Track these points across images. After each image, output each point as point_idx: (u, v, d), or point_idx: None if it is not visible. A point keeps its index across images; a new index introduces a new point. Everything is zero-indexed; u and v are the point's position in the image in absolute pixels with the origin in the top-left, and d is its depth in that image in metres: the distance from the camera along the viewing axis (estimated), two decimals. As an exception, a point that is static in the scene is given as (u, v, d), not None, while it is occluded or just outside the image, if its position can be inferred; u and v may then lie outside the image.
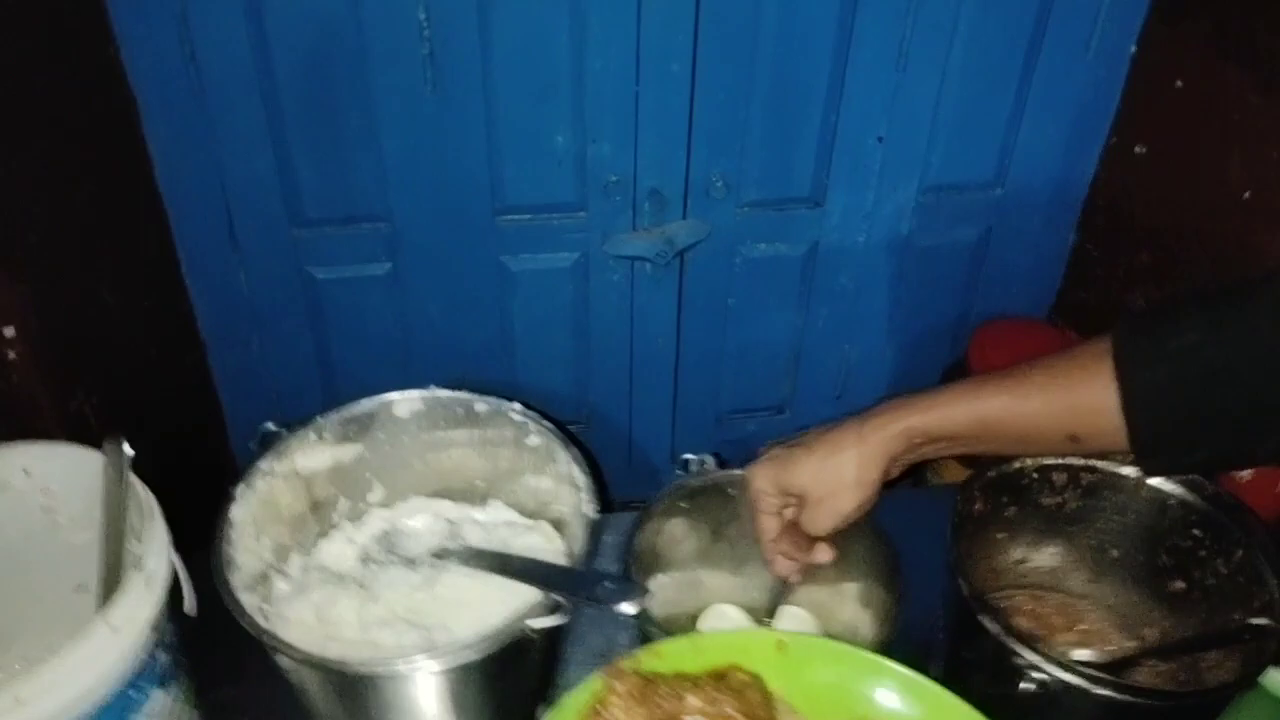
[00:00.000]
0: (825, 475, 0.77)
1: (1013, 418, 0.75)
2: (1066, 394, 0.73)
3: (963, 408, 0.75)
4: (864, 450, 0.76)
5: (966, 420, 0.75)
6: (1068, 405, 0.73)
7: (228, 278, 1.16)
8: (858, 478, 0.77)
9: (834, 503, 0.78)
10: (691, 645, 0.67)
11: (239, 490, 0.75)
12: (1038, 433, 0.75)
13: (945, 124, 1.16)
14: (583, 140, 1.11)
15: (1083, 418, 0.72)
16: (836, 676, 0.68)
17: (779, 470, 0.78)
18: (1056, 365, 0.74)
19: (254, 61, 1.02)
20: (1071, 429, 0.73)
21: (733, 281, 1.26)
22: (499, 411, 0.84)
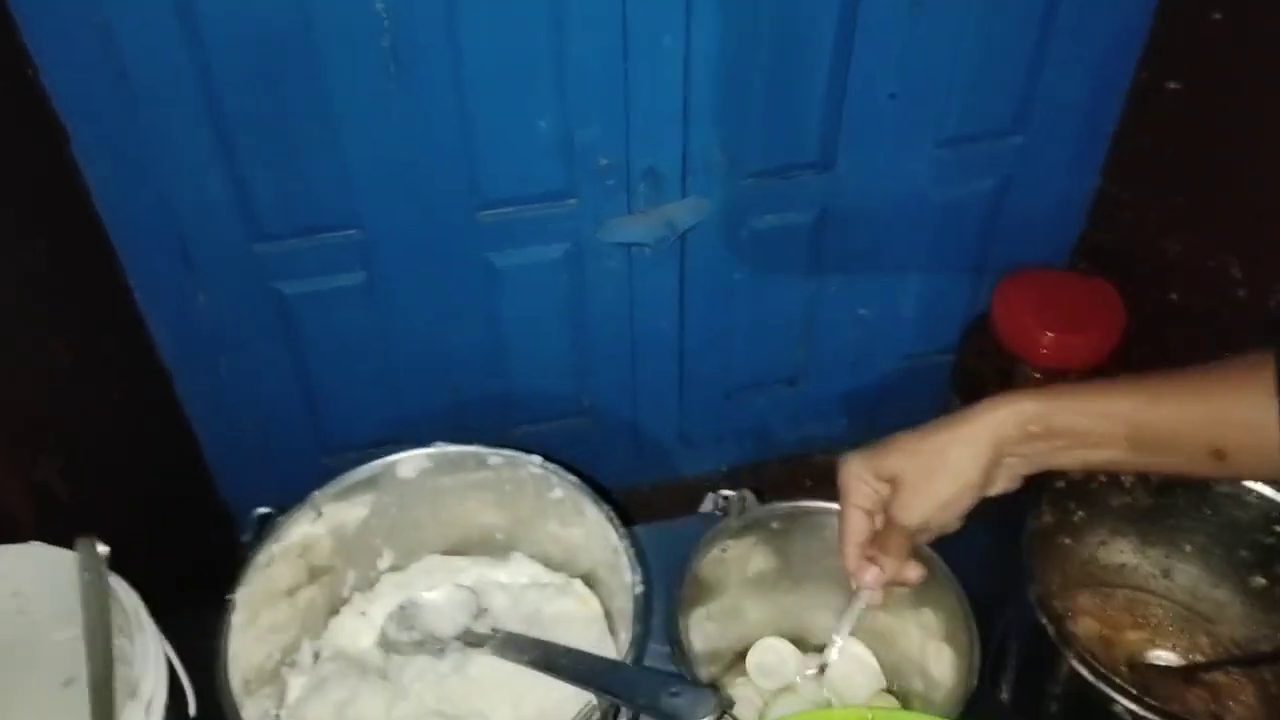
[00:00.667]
0: (922, 454, 0.67)
1: (1147, 419, 0.65)
2: (1214, 400, 0.64)
3: (1089, 400, 0.66)
4: (967, 430, 0.66)
5: (1092, 414, 0.65)
6: (1214, 413, 0.64)
7: (186, 303, 1.05)
8: (957, 461, 0.66)
9: (930, 487, 0.67)
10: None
11: (239, 594, 0.67)
12: (1175, 441, 0.66)
13: (964, 72, 1.06)
14: (568, 123, 1.01)
15: (1231, 430, 0.64)
16: None
17: (873, 453, 0.69)
18: (1206, 371, 0.65)
19: (191, 70, 0.90)
20: (1217, 441, 0.65)
21: (738, 257, 1.17)
22: (516, 464, 0.75)
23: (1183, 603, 0.88)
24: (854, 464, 0.69)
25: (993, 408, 0.66)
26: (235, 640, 0.65)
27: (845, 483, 0.70)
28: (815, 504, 0.81)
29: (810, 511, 0.81)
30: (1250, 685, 0.81)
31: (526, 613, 0.74)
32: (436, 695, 0.69)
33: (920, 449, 0.67)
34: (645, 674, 0.61)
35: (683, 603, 0.73)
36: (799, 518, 0.81)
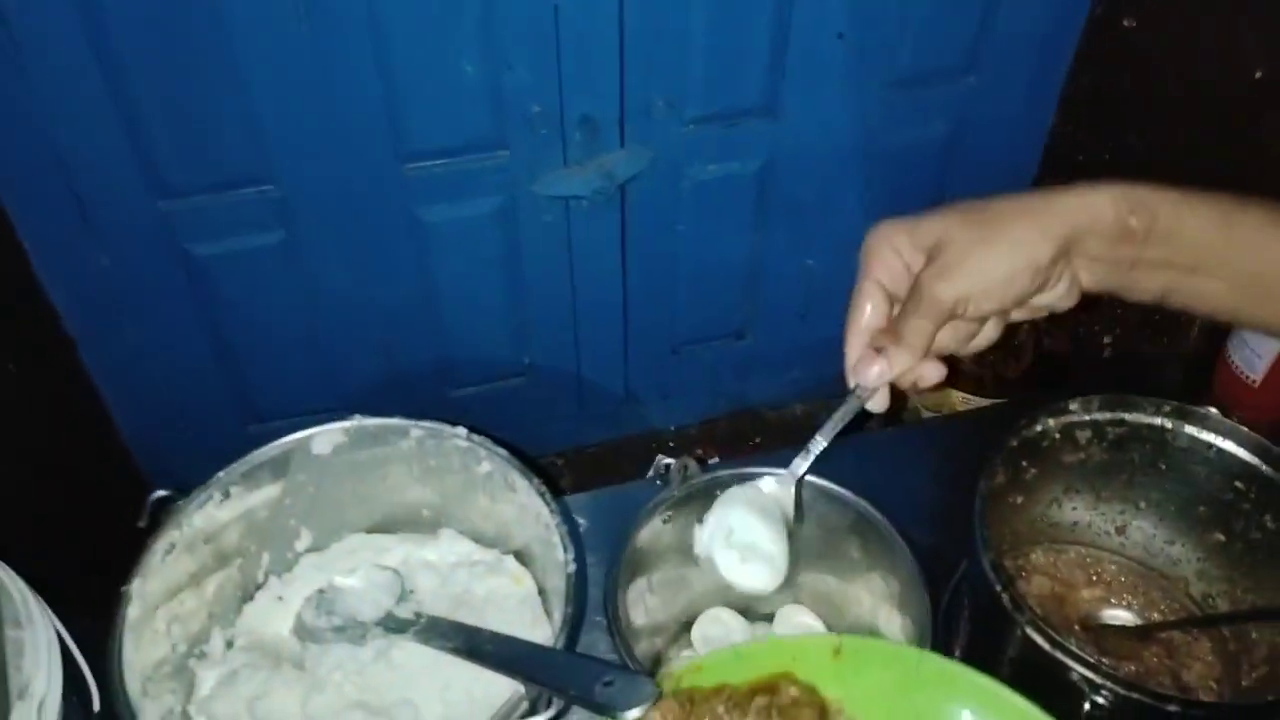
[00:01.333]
0: (982, 220, 0.54)
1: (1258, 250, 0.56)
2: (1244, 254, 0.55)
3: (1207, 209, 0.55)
4: (1045, 206, 0.54)
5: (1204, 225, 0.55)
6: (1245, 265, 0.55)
7: (87, 265, 0.98)
8: (1026, 231, 0.53)
9: (983, 253, 0.53)
10: (736, 656, 0.59)
11: (134, 586, 0.61)
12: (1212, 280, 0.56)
13: (916, 9, 1.01)
14: (496, 67, 0.94)
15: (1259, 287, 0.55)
16: (901, 683, 0.60)
17: (914, 218, 0.55)
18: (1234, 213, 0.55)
19: (78, 12, 0.82)
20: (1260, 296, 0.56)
21: (681, 207, 1.12)
22: (440, 438, 0.70)
23: (1137, 559, 0.86)
24: (885, 227, 0.56)
25: (1090, 188, 0.54)
26: (131, 636, 0.60)
27: (870, 247, 0.56)
28: (759, 470, 0.77)
29: (754, 476, 0.77)
30: (1208, 642, 0.79)
31: (455, 593, 0.69)
32: (358, 685, 0.65)
33: (979, 215, 0.53)
34: (576, 662, 0.57)
35: (622, 577, 0.69)
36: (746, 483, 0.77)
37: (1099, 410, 0.79)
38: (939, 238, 0.54)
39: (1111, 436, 0.80)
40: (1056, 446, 0.80)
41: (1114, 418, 0.79)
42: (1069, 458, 0.81)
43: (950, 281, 0.53)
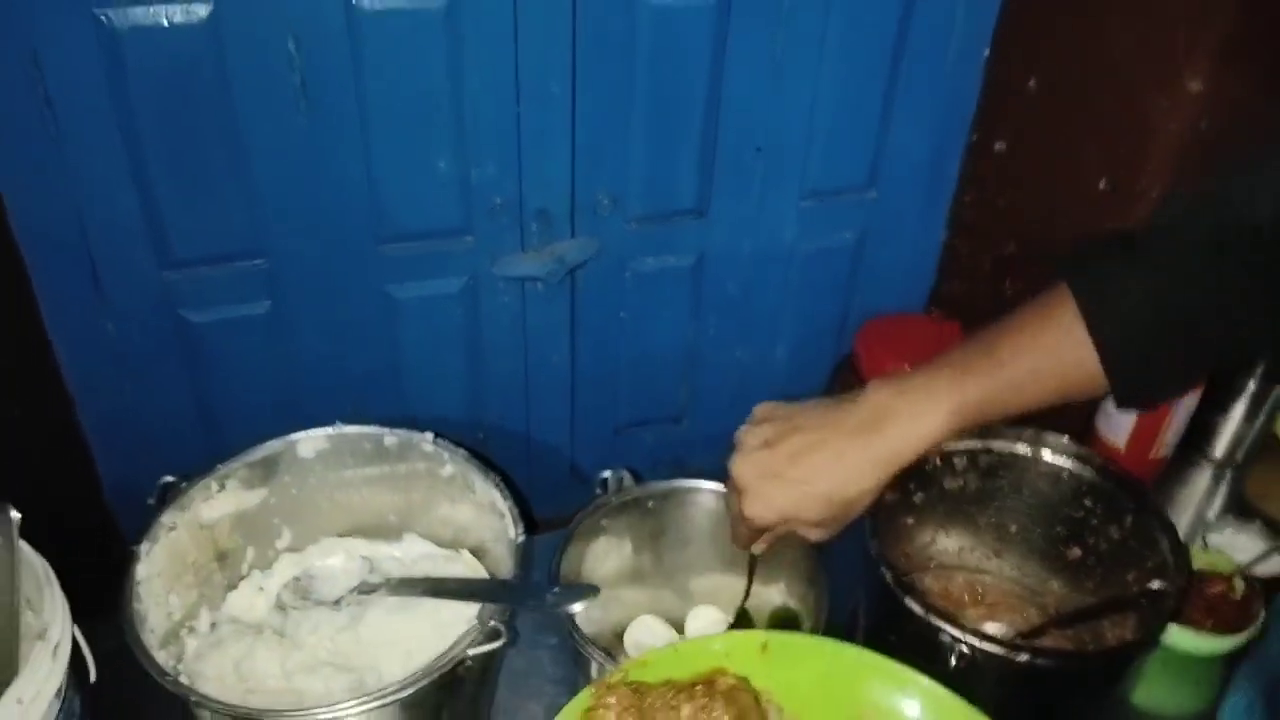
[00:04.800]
0: (841, 506, 0.76)
1: (1011, 402, 0.76)
2: (1056, 366, 0.75)
3: (966, 410, 0.75)
4: (881, 482, 0.76)
5: (971, 417, 0.75)
6: (1058, 375, 0.75)
7: (94, 327, 1.10)
8: (873, 499, 0.77)
9: (843, 523, 0.78)
10: (675, 653, 0.67)
11: (143, 547, 0.71)
12: (1031, 404, 0.77)
13: (820, 132, 1.20)
14: (465, 163, 1.10)
15: (1071, 381, 0.75)
16: (822, 672, 0.69)
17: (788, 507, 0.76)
18: (1037, 337, 0.76)
19: (111, 100, 0.97)
20: (1062, 393, 0.76)
21: (624, 295, 1.27)
22: (409, 444, 0.82)
23: (1013, 579, 0.98)
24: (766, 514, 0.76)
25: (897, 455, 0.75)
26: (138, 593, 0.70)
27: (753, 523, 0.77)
28: (688, 483, 0.89)
29: (683, 490, 0.89)
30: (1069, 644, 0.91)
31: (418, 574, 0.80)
32: (330, 650, 0.74)
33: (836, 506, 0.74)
34: (527, 583, 0.67)
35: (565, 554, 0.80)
36: (671, 496, 0.89)
37: (970, 439, 0.92)
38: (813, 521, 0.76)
39: (983, 464, 0.93)
40: (939, 472, 0.93)
41: (983, 446, 0.93)
42: (950, 484, 0.94)
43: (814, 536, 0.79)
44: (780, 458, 0.74)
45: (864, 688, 0.69)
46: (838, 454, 0.73)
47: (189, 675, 0.71)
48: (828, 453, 0.73)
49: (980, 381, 0.74)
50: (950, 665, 0.76)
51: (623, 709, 0.59)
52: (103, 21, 0.92)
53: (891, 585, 0.77)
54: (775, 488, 0.74)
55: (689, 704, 0.61)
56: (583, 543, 0.83)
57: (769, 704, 0.68)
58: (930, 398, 0.74)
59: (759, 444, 0.75)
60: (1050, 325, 0.75)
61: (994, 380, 0.74)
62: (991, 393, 0.74)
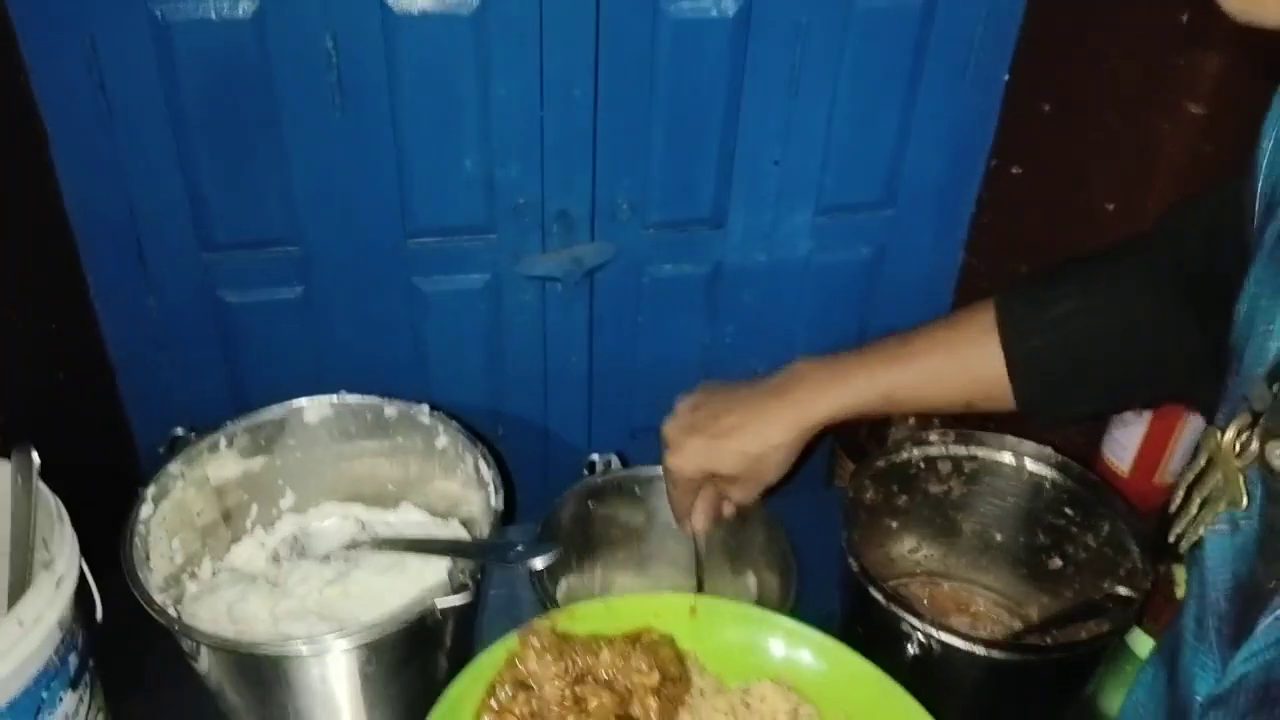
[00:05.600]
0: (751, 462, 0.82)
1: (916, 394, 0.83)
2: (961, 369, 0.81)
3: (871, 388, 0.82)
4: (789, 439, 0.82)
5: (874, 398, 0.82)
6: (963, 378, 0.81)
7: (137, 302, 1.17)
8: (784, 459, 0.83)
9: (760, 481, 0.84)
10: (606, 608, 0.71)
11: (149, 492, 0.77)
12: (938, 402, 0.83)
13: (837, 148, 1.23)
14: (490, 164, 1.15)
15: (977, 387, 0.80)
16: (743, 636, 0.73)
17: (705, 458, 0.83)
18: (950, 340, 0.82)
19: (162, 88, 1.04)
20: (967, 397, 0.81)
21: (641, 300, 1.31)
22: (407, 414, 0.87)
23: (998, 590, 0.99)
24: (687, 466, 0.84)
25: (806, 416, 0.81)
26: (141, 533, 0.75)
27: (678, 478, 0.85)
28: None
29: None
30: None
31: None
32: (317, 600, 0.78)
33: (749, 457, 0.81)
34: (497, 541, 0.72)
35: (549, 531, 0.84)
36: (655, 482, 0.92)
37: (955, 444, 0.94)
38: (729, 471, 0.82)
39: (967, 470, 0.95)
40: (922, 475, 0.95)
41: (968, 453, 0.95)
42: (934, 488, 0.96)
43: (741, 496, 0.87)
44: (702, 415, 0.83)
45: (780, 650, 0.73)
46: (751, 410, 0.81)
47: (186, 615, 0.76)
48: (742, 410, 0.81)
49: (889, 367, 0.81)
50: (909, 655, 0.78)
51: (546, 650, 0.63)
52: (156, 15, 1.00)
53: (857, 574, 0.80)
54: (694, 440, 0.82)
55: (610, 649, 0.65)
56: (567, 520, 0.87)
57: (693, 665, 0.71)
58: (840, 372, 0.82)
59: (689, 408, 0.85)
60: (966, 326, 0.81)
61: (903, 369, 0.81)
62: (898, 379, 0.81)
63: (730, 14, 1.11)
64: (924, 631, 0.75)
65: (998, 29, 1.19)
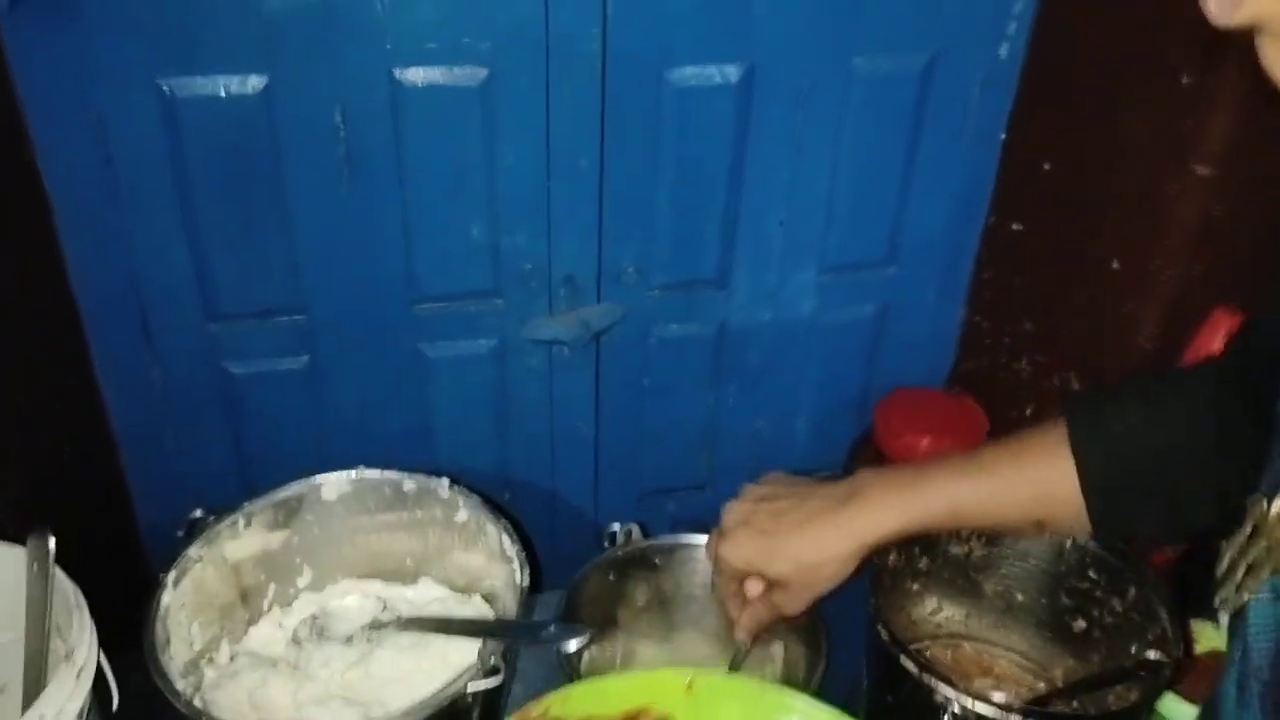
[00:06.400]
0: (806, 570, 0.79)
1: (984, 510, 0.80)
2: (1032, 484, 0.79)
3: (938, 502, 0.79)
4: (848, 552, 0.79)
5: (941, 513, 0.80)
6: (1032, 493, 0.79)
7: (141, 375, 1.15)
8: (838, 572, 0.80)
9: (811, 591, 0.81)
10: (598, 689, 0.69)
11: (170, 577, 0.75)
12: (1006, 518, 0.81)
13: (839, 208, 1.24)
14: (497, 231, 1.16)
15: (1047, 505, 0.78)
16: (746, 713, 0.71)
17: (754, 555, 0.81)
18: (1019, 453, 0.80)
19: (169, 162, 1.04)
20: (1037, 514, 0.79)
21: (647, 362, 1.31)
22: (426, 489, 0.86)
23: (1021, 652, 0.98)
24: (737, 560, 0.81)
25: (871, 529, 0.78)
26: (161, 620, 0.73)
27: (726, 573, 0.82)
28: (694, 539, 0.92)
29: (689, 546, 0.92)
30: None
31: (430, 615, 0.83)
32: (340, 683, 0.77)
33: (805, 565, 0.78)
34: (526, 622, 0.70)
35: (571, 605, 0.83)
36: (677, 552, 0.92)
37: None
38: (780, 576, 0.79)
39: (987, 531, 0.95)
40: (944, 537, 0.95)
41: (989, 515, 0.94)
42: (955, 549, 0.96)
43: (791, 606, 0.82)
44: (763, 512, 0.80)
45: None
46: (809, 517, 0.78)
47: (206, 703, 0.74)
48: (800, 514, 0.78)
49: (957, 482, 0.79)
50: None
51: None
52: (165, 91, 1.00)
53: (887, 643, 0.79)
54: (748, 536, 0.79)
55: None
56: (589, 593, 0.86)
57: None
58: (906, 485, 0.79)
59: (753, 498, 0.81)
60: (1035, 441, 0.79)
61: (971, 483, 0.78)
62: (965, 494, 0.78)
63: (733, 81, 1.12)
64: (960, 702, 0.75)
65: (995, 90, 1.21)
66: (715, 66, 1.11)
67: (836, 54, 1.14)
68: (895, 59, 1.16)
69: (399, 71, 1.05)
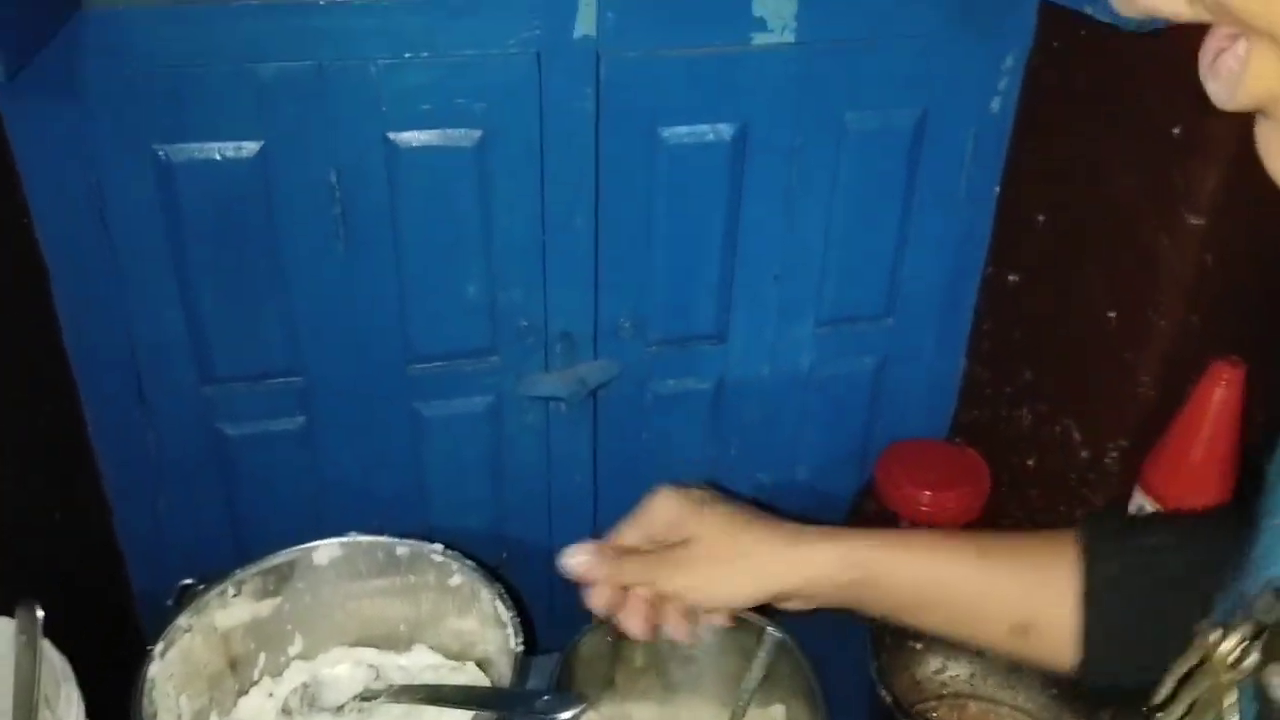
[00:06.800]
0: (734, 540, 0.71)
1: (964, 586, 0.69)
2: (1027, 571, 0.68)
3: (916, 557, 0.70)
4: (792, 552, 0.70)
5: (915, 572, 0.69)
6: (1025, 584, 0.68)
7: (135, 438, 1.15)
8: (764, 565, 0.71)
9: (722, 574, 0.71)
10: None
11: (158, 648, 0.74)
12: (984, 611, 0.69)
13: (835, 262, 1.24)
14: (493, 288, 1.16)
15: (1036, 604, 0.67)
16: None
17: (693, 504, 0.75)
18: (1021, 542, 0.70)
19: (164, 226, 1.05)
20: (1022, 615, 0.68)
21: (645, 417, 1.30)
22: (420, 554, 0.85)
23: (1028, 711, 0.97)
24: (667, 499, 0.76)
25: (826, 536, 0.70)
26: (149, 692, 0.72)
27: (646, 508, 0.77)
28: (691, 602, 0.90)
29: (686, 609, 0.90)
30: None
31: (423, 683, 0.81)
32: (332, 756, 0.75)
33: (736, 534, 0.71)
34: (519, 691, 0.69)
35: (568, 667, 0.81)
36: (675, 614, 0.90)
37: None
38: (702, 536, 0.72)
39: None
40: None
41: (991, 571, 0.93)
42: (957, 609, 0.94)
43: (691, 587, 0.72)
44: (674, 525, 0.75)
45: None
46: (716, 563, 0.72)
47: (193, 777, 0.73)
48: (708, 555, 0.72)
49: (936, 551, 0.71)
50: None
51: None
52: (160, 157, 1.01)
53: (890, 706, 0.77)
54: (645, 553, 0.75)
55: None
56: (587, 655, 0.84)
57: None
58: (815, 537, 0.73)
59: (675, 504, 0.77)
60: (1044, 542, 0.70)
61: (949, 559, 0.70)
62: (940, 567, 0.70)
63: (727, 138, 1.13)
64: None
65: (987, 144, 1.22)
66: (708, 125, 1.12)
67: (828, 111, 1.14)
68: (887, 115, 1.16)
69: (393, 134, 1.05)
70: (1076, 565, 0.66)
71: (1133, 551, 0.66)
